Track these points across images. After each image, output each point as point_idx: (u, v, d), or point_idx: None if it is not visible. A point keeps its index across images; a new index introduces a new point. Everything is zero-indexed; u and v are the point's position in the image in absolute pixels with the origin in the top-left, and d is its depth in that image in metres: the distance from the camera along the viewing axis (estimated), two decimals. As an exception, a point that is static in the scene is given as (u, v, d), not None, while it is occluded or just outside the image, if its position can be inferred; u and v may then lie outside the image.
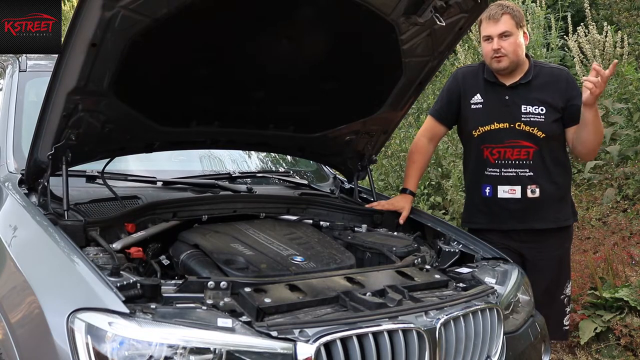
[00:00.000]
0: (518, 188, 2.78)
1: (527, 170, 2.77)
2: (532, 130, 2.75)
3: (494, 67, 2.79)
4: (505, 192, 2.80)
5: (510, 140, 2.78)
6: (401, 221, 2.68)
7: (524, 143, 2.77)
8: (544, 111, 2.75)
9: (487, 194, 2.83)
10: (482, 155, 2.84)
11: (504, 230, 2.83)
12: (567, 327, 2.91)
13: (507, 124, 2.78)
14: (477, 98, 2.86)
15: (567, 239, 2.94)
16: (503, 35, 2.73)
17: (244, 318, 1.64)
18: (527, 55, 2.85)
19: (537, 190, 2.77)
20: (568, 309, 2.90)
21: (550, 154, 2.78)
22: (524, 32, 2.80)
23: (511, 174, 2.79)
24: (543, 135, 2.75)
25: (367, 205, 2.79)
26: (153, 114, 2.27)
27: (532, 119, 2.76)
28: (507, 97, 2.80)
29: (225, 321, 1.60)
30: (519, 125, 2.77)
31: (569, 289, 2.91)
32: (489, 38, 2.76)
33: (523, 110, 2.77)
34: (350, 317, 1.69)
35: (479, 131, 2.83)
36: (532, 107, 2.76)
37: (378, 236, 2.52)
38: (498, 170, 2.80)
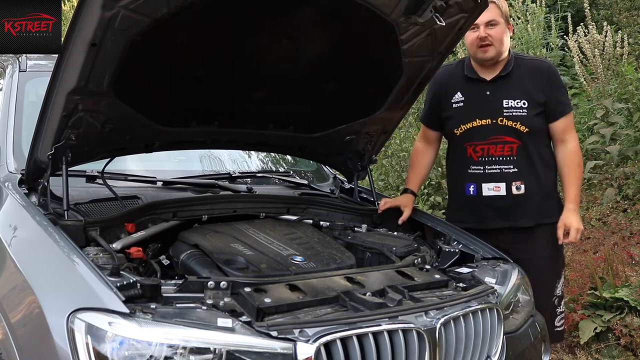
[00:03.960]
0: (503, 185, 2.74)
1: (512, 167, 2.73)
2: (515, 125, 2.71)
3: (479, 57, 2.74)
4: (489, 189, 2.76)
5: (493, 136, 2.74)
6: (400, 222, 2.67)
7: (508, 139, 2.73)
8: (526, 105, 2.71)
9: (472, 193, 2.79)
10: (466, 154, 2.79)
11: (489, 230, 2.76)
12: (560, 329, 2.85)
13: (490, 120, 2.74)
14: (458, 96, 2.82)
15: (555, 238, 2.82)
16: (489, 23, 2.68)
17: (244, 318, 1.64)
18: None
19: (522, 186, 2.73)
20: (559, 310, 2.84)
21: (535, 149, 2.74)
22: (509, 24, 2.77)
23: (495, 171, 2.75)
24: (526, 130, 2.71)
25: (381, 206, 2.74)
26: (153, 114, 2.27)
27: (514, 114, 2.72)
28: (488, 93, 2.76)
29: (225, 321, 1.60)
30: (502, 121, 2.73)
31: (560, 289, 2.83)
32: (474, 27, 2.67)
33: (505, 105, 2.73)
34: (350, 317, 1.70)
35: (461, 129, 2.80)
36: (514, 100, 2.72)
37: (378, 236, 2.52)
38: (482, 168, 2.76)
